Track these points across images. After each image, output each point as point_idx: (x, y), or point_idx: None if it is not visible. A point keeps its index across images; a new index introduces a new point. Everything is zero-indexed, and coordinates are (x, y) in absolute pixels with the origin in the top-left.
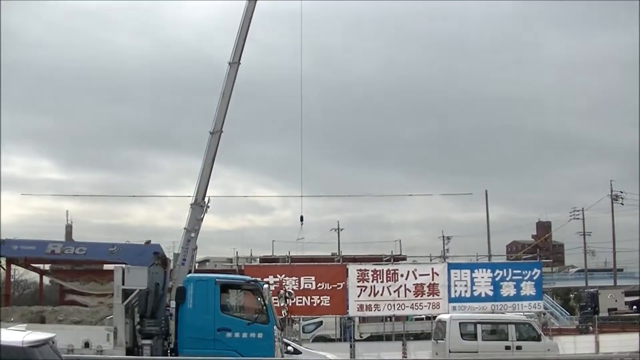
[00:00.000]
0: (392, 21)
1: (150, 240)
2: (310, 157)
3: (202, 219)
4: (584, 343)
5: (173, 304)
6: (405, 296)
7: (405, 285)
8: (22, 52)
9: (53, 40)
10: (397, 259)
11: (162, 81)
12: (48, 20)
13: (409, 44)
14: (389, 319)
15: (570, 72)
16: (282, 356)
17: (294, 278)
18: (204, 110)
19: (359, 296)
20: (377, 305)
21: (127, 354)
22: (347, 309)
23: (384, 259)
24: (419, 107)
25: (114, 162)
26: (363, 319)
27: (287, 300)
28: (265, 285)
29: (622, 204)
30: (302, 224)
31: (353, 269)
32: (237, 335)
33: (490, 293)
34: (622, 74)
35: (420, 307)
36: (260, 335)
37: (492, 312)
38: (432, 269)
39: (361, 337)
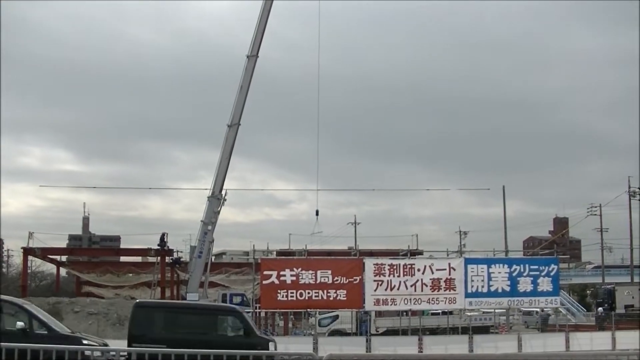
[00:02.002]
0: (413, 18)
1: (166, 233)
2: (328, 151)
3: (219, 212)
4: (601, 339)
5: (189, 296)
6: (422, 291)
7: (421, 279)
8: (42, 47)
9: (72, 35)
10: (414, 253)
11: (179, 74)
12: (68, 15)
13: (429, 40)
14: (405, 313)
15: (588, 69)
16: None
17: (311, 272)
18: (221, 103)
19: (375, 290)
20: (393, 299)
21: None
22: (364, 303)
23: (401, 254)
24: (438, 103)
25: (131, 155)
26: (379, 313)
27: None
28: None
29: None
30: (317, 218)
31: (370, 263)
32: None
33: (507, 288)
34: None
35: (437, 302)
36: None
37: (509, 308)
38: (449, 263)
39: (377, 331)
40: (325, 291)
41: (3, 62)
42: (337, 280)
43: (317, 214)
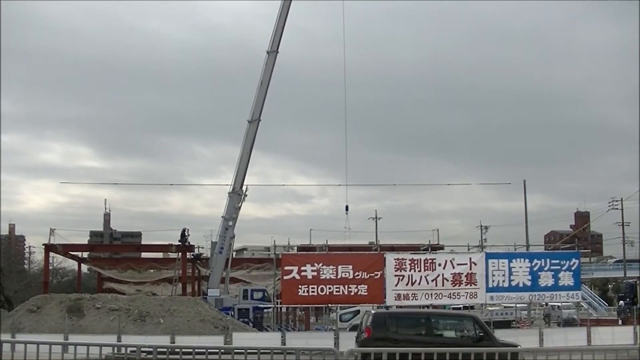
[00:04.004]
0: (434, 11)
1: (187, 229)
2: (349, 145)
3: (239, 208)
4: (623, 334)
5: (210, 292)
6: (443, 285)
7: (442, 274)
8: (61, 41)
9: (91, 29)
10: (435, 248)
11: (199, 69)
12: (87, 10)
13: (450, 33)
14: (426, 308)
15: (610, 61)
16: None
17: (332, 267)
18: (242, 97)
19: (396, 285)
20: (414, 294)
21: None
22: (385, 298)
23: (422, 248)
24: (459, 97)
25: (151, 150)
26: (400, 308)
27: None
28: None
29: None
30: (347, 214)
31: (391, 258)
32: None
33: (528, 283)
34: None
35: (458, 297)
36: None
37: (530, 302)
38: (470, 258)
39: None
40: (346, 286)
41: (23, 58)
42: (358, 275)
43: (347, 209)
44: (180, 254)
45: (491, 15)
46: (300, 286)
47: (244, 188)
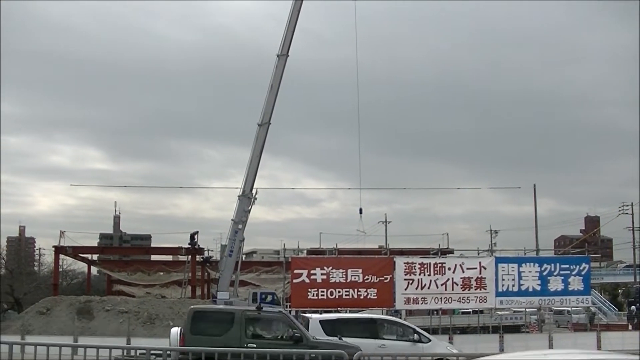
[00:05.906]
0: (440, 13)
1: (197, 232)
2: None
3: (249, 211)
4: (633, 339)
5: (220, 295)
6: (453, 290)
7: (452, 278)
8: (70, 44)
9: (101, 32)
10: (445, 252)
11: (208, 70)
12: (93, 11)
13: (457, 35)
14: (435, 312)
15: (620, 64)
16: None
17: (341, 270)
18: (251, 100)
19: (406, 289)
20: (424, 298)
21: None
22: (394, 301)
23: (432, 252)
24: (469, 101)
25: (160, 153)
26: (410, 312)
27: None
28: None
29: None
30: (361, 216)
31: (400, 262)
32: None
33: (538, 287)
34: None
35: (467, 301)
36: None
37: (540, 307)
38: (480, 262)
39: None
40: (355, 290)
41: (32, 60)
42: (367, 279)
43: (360, 212)
44: (189, 256)
45: (498, 18)
46: (309, 289)
47: (253, 191)
